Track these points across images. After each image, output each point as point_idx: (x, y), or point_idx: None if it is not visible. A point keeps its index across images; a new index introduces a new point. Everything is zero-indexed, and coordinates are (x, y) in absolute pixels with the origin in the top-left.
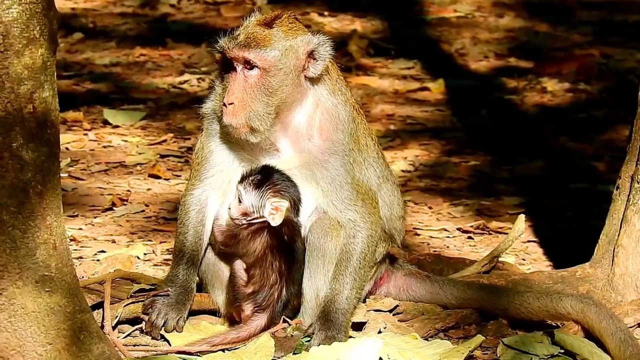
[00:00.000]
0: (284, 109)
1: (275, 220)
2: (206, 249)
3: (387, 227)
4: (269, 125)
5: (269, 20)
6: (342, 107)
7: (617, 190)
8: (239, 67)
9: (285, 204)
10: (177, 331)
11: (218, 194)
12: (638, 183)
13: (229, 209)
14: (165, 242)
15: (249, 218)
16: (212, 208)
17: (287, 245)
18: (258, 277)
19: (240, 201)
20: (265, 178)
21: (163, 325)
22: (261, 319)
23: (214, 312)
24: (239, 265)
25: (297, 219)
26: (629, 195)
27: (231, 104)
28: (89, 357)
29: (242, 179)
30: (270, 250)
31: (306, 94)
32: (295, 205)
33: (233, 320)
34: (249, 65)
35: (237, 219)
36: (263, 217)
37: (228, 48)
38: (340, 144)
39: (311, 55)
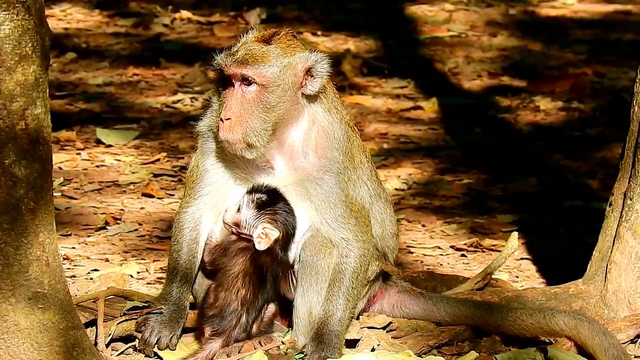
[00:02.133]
0: (280, 126)
1: (261, 245)
2: (200, 266)
3: (380, 245)
4: (266, 141)
5: (267, 37)
6: (337, 125)
7: (609, 207)
8: (237, 83)
9: (275, 234)
10: (170, 349)
11: (212, 212)
12: (631, 200)
13: (225, 211)
14: (158, 260)
15: (239, 230)
16: (205, 226)
17: (261, 275)
18: (222, 300)
19: (239, 210)
20: (269, 202)
21: (156, 343)
22: (216, 343)
23: None
24: (212, 286)
25: (282, 254)
26: (621, 212)
27: (228, 119)
28: None
29: (251, 191)
30: (243, 276)
31: (302, 111)
32: (286, 239)
33: None
34: (246, 81)
35: (229, 225)
36: (251, 236)
37: (226, 64)
38: (336, 162)
39: (309, 72)
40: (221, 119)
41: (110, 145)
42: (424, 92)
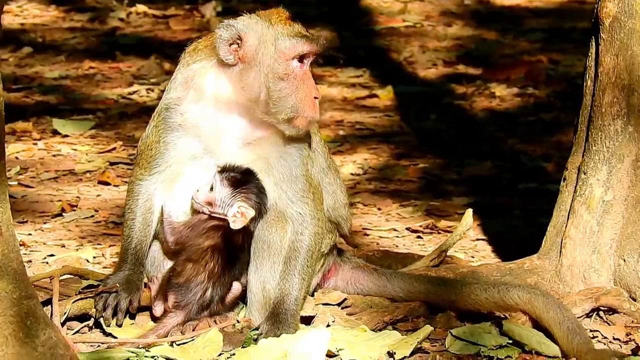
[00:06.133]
0: None
1: (236, 224)
2: (151, 243)
3: (333, 215)
4: None
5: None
6: None
7: (564, 181)
8: (309, 62)
9: (251, 213)
10: (130, 312)
11: (165, 187)
12: (584, 174)
13: (197, 191)
14: (114, 245)
15: (212, 209)
16: (158, 202)
17: (231, 251)
18: (189, 270)
19: (211, 189)
20: (244, 180)
21: (115, 306)
22: (177, 317)
23: None
24: (181, 258)
25: (253, 230)
26: (575, 187)
27: (317, 97)
28: (36, 342)
29: (223, 170)
30: (212, 250)
31: None
32: (259, 218)
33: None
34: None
35: (200, 204)
36: (225, 215)
37: (321, 45)
38: (300, 138)
39: None
40: (316, 97)
41: (66, 136)
42: (379, 81)
